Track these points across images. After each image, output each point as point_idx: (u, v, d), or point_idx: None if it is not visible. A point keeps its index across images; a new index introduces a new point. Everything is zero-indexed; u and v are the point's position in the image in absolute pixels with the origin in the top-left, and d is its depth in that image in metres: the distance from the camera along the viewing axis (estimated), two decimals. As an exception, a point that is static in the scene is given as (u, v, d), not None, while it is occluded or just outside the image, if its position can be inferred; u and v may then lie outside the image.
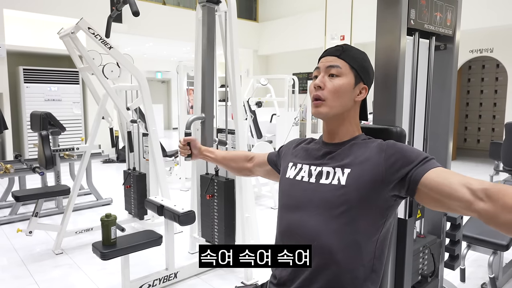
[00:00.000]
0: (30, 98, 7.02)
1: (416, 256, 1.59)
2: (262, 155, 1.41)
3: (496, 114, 8.75)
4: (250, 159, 1.46)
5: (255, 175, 1.49)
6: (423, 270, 1.65)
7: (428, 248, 1.67)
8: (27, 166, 4.17)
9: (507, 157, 4.12)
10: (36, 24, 7.43)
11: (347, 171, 1.02)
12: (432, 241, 1.70)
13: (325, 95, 1.06)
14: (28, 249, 3.25)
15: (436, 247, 1.73)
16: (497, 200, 0.78)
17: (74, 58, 3.36)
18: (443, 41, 1.68)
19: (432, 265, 1.71)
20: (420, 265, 1.64)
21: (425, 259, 1.66)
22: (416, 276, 1.62)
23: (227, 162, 1.52)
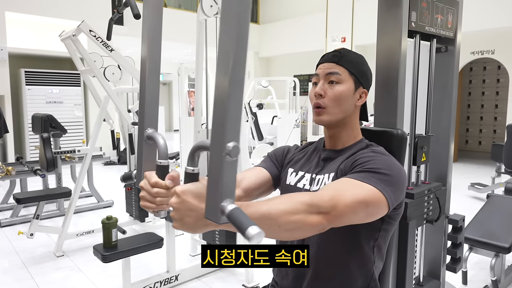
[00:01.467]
0: (32, 100, 7.03)
1: (421, 200, 1.56)
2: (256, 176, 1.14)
3: (498, 116, 8.73)
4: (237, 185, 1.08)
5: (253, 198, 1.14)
6: (428, 215, 1.62)
7: (434, 193, 1.63)
8: (28, 169, 4.18)
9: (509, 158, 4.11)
10: (38, 27, 7.46)
11: (332, 174, 1.03)
12: (437, 186, 1.67)
13: (326, 103, 1.06)
14: (29, 251, 3.25)
15: (441, 192, 1.69)
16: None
17: (76, 61, 3.37)
18: (444, 43, 1.68)
19: (437, 210, 1.66)
20: (425, 209, 1.60)
21: (430, 204, 1.62)
22: (421, 220, 1.59)
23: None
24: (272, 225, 0.75)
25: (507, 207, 2.62)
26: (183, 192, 0.69)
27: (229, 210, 0.61)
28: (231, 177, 0.62)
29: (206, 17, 2.71)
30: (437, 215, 1.65)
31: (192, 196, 0.68)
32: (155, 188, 0.78)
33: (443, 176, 1.76)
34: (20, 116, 7.23)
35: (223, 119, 0.60)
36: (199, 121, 3.11)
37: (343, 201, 0.82)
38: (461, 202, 4.63)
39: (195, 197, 0.68)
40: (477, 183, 5.06)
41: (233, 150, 0.59)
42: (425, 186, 1.62)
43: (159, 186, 0.78)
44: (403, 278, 1.48)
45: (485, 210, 2.62)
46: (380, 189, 0.88)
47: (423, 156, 1.57)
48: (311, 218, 0.78)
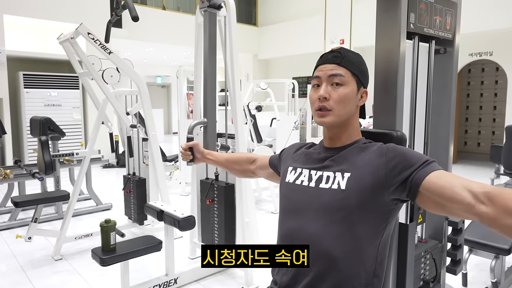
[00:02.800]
0: (30, 103, 7.02)
1: (418, 261, 1.58)
2: (265, 158, 1.42)
3: (496, 117, 8.74)
4: (252, 161, 1.46)
5: (258, 176, 1.49)
6: (424, 276, 1.64)
7: (430, 253, 1.65)
8: (26, 172, 4.16)
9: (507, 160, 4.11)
10: (36, 30, 7.45)
11: (347, 175, 1.02)
12: (433, 246, 1.69)
13: (331, 105, 1.05)
14: (27, 255, 3.23)
15: (437, 252, 1.72)
16: (498, 203, 0.77)
17: (74, 63, 3.36)
18: (443, 45, 1.68)
19: (434, 270, 1.69)
20: (422, 270, 1.62)
21: (426, 264, 1.65)
22: (418, 281, 1.61)
23: (230, 165, 1.51)
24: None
25: None
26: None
27: None
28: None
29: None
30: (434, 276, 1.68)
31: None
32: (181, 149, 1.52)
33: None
34: (19, 119, 7.22)
35: None
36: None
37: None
38: (460, 204, 4.62)
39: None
40: (476, 185, 5.05)
41: None
42: (422, 247, 1.64)
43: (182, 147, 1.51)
44: (403, 281, 1.47)
45: (484, 212, 2.61)
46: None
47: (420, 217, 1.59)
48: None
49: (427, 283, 1.65)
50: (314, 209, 1.03)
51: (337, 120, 1.06)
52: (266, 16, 11.18)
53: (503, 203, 0.77)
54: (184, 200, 4.97)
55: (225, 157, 1.54)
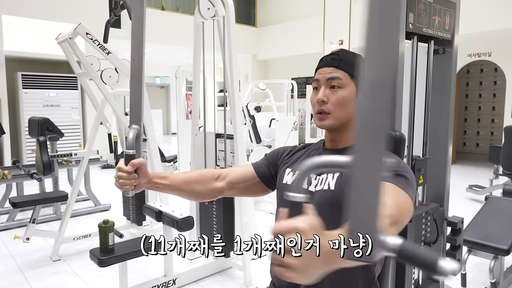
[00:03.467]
0: (29, 104, 7.00)
1: (419, 222, 1.56)
2: (242, 170, 1.21)
3: (495, 118, 8.75)
4: (218, 177, 1.20)
5: (224, 195, 1.23)
6: (426, 237, 1.62)
7: (431, 215, 1.63)
8: (24, 172, 4.15)
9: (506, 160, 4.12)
10: (35, 30, 7.44)
11: (336, 175, 1.02)
12: (434, 208, 1.68)
13: (329, 109, 1.05)
14: (26, 256, 3.22)
15: (439, 214, 1.70)
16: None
17: (72, 64, 3.36)
18: (442, 45, 1.68)
19: (435, 232, 1.67)
20: (423, 231, 1.60)
21: (428, 226, 1.62)
22: (419, 242, 1.59)
23: (189, 187, 1.19)
24: None
25: (506, 209, 2.62)
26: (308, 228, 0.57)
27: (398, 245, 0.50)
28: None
29: (203, 19, 2.71)
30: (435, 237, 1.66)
31: (315, 232, 0.57)
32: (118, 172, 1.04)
33: (442, 177, 1.76)
34: (17, 119, 7.20)
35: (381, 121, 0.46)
36: (197, 124, 3.10)
37: (403, 210, 0.82)
38: (459, 204, 4.63)
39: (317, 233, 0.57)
40: (475, 185, 5.07)
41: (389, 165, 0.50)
42: (423, 208, 1.62)
43: (122, 170, 1.04)
44: (402, 282, 1.47)
45: (483, 212, 2.62)
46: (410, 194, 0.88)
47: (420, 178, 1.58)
48: (391, 231, 0.75)
49: (428, 244, 1.63)
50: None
51: (336, 123, 1.06)
52: (265, 17, 11.18)
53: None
54: (183, 201, 4.95)
55: (181, 177, 1.19)
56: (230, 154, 2.79)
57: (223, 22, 2.62)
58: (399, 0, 0.47)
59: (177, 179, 1.18)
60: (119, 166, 1.05)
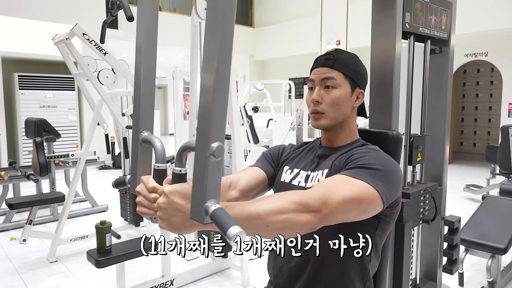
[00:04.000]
0: (25, 104, 6.98)
1: (417, 199, 1.56)
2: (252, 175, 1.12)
3: (492, 118, 8.79)
4: (229, 186, 1.07)
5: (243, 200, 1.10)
6: (424, 215, 1.62)
7: (429, 193, 1.63)
8: (21, 173, 4.13)
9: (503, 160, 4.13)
10: (31, 31, 7.42)
11: (326, 171, 1.03)
12: (432, 186, 1.68)
13: (324, 109, 1.05)
14: (22, 257, 3.21)
15: (437, 192, 1.70)
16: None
17: (69, 64, 3.35)
18: (438, 45, 1.69)
19: (433, 210, 1.67)
20: (421, 209, 1.60)
21: (426, 204, 1.62)
22: (417, 220, 1.59)
23: None
24: (260, 224, 0.74)
25: (502, 208, 2.63)
26: (170, 192, 0.69)
27: (212, 210, 0.62)
28: (216, 177, 0.63)
29: (201, 19, 2.71)
30: (433, 215, 1.65)
31: (179, 197, 0.69)
32: (153, 194, 0.76)
33: (439, 176, 1.76)
34: (13, 120, 7.18)
35: (208, 119, 0.60)
36: (194, 124, 3.10)
37: (334, 199, 0.82)
38: (456, 204, 4.64)
39: (182, 198, 0.69)
40: (472, 185, 5.08)
41: (217, 151, 0.60)
42: (420, 186, 1.62)
43: (157, 191, 0.75)
44: (400, 280, 1.47)
45: (480, 211, 2.63)
46: (373, 185, 0.87)
47: (418, 155, 1.57)
48: (300, 217, 0.77)
49: (426, 221, 1.63)
50: None
51: (331, 123, 1.07)
52: (263, 17, 11.19)
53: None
54: (181, 202, 4.95)
55: None
56: (227, 155, 2.79)
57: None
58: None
59: None
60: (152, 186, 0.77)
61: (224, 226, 0.59)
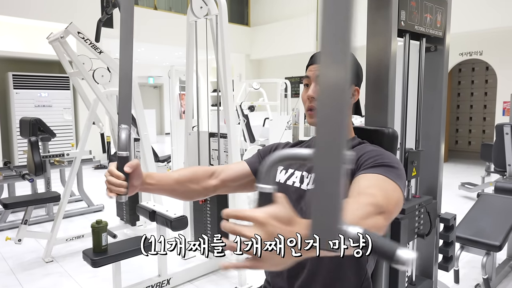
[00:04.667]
0: (20, 104, 6.93)
1: (412, 214, 1.57)
2: (236, 168, 1.18)
3: (487, 116, 8.84)
4: (212, 175, 1.16)
5: (216, 193, 1.20)
6: (419, 230, 1.63)
7: (424, 207, 1.64)
8: (16, 173, 4.11)
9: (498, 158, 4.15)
10: (26, 30, 7.37)
11: None
12: (427, 200, 1.69)
13: None
14: (17, 257, 3.19)
15: (432, 206, 1.71)
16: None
17: (64, 63, 3.33)
18: (434, 43, 1.69)
19: (428, 224, 1.68)
20: (416, 223, 1.62)
21: (421, 218, 1.63)
22: (412, 234, 1.60)
23: (185, 186, 1.13)
24: None
25: (497, 206, 2.65)
26: (267, 218, 0.54)
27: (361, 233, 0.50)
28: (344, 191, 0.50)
29: (196, 18, 2.70)
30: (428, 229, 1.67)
31: (280, 222, 0.55)
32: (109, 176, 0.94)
33: (434, 175, 1.77)
34: (8, 120, 7.13)
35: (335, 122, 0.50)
36: (190, 124, 3.09)
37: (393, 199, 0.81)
38: (452, 202, 4.67)
39: (283, 223, 0.55)
40: (467, 183, 5.11)
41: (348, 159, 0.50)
42: (416, 200, 1.63)
43: (113, 173, 0.94)
44: (396, 278, 1.48)
45: (475, 209, 2.64)
46: (399, 184, 0.88)
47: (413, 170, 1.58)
48: (378, 220, 0.73)
49: (421, 236, 1.64)
50: (301, 210, 1.03)
51: None
52: (259, 16, 11.18)
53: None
54: (177, 201, 4.93)
55: (174, 177, 1.12)
56: (223, 154, 2.79)
57: (216, 21, 2.61)
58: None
59: (170, 179, 1.10)
60: (110, 170, 0.94)
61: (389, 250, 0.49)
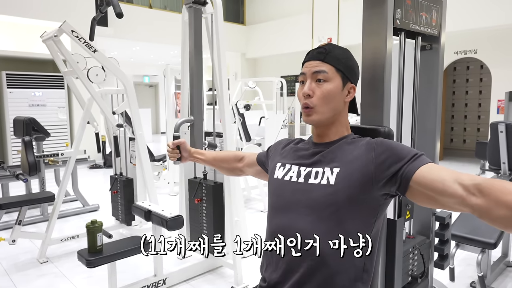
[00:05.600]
0: (14, 103, 6.87)
1: (406, 257, 1.59)
2: (252, 155, 1.42)
3: (481, 115, 8.89)
4: (240, 159, 1.46)
5: (245, 174, 1.50)
6: (413, 271, 1.65)
7: (418, 249, 1.66)
8: (10, 173, 4.07)
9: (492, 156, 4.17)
10: (19, 28, 7.30)
11: (336, 170, 1.01)
12: (421, 241, 1.70)
13: (314, 103, 1.05)
14: (12, 258, 3.16)
15: (425, 247, 1.73)
16: (489, 195, 0.78)
17: (58, 62, 3.30)
18: (429, 41, 1.69)
19: (422, 265, 1.70)
20: (410, 266, 1.63)
21: (414, 260, 1.65)
22: (406, 277, 1.61)
23: (217, 163, 1.52)
24: None
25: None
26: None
27: None
28: None
29: (191, 16, 2.68)
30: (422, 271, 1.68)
31: None
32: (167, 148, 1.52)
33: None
34: (2, 120, 7.07)
35: None
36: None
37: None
38: (447, 200, 4.68)
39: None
40: (462, 181, 5.13)
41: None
42: (410, 243, 1.64)
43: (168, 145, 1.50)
44: (392, 276, 1.48)
45: (471, 207, 2.65)
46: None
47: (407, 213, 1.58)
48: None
49: (415, 278, 1.66)
50: (304, 205, 1.03)
51: (322, 118, 1.06)
52: (254, 15, 11.16)
53: (494, 195, 0.77)
54: (173, 200, 4.93)
55: (213, 155, 1.55)
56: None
57: (211, 20, 2.60)
58: None
59: (209, 157, 1.54)
60: (167, 143, 1.51)
61: None
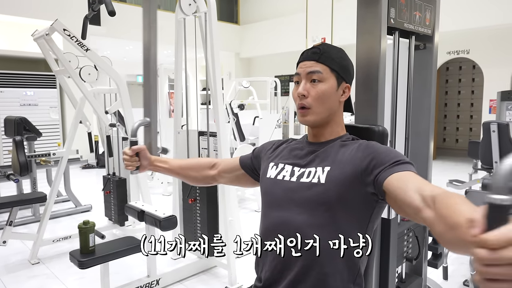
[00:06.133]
0: (5, 103, 6.79)
1: (401, 239, 1.58)
2: (229, 160, 1.33)
3: (474, 114, 8.96)
4: (212, 166, 1.33)
5: (218, 183, 1.37)
6: (407, 254, 1.65)
7: (413, 231, 1.66)
8: (1, 173, 4.02)
9: (485, 155, 4.21)
10: (10, 27, 7.22)
11: (327, 169, 1.02)
12: (416, 224, 1.70)
13: (310, 103, 1.05)
14: (2, 259, 3.12)
15: (420, 230, 1.72)
16: (436, 209, 0.73)
17: (50, 61, 3.26)
18: (423, 41, 1.69)
19: (416, 248, 1.70)
20: (405, 248, 1.63)
21: (409, 242, 1.65)
22: (401, 259, 1.61)
23: (184, 172, 1.34)
24: None
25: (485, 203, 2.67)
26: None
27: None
28: None
29: (185, 16, 2.67)
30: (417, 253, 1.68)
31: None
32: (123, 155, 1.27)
33: (423, 177, 1.77)
34: (-7, 119, 6.98)
35: None
36: (179, 122, 3.06)
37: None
38: (440, 199, 4.71)
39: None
40: (455, 180, 5.17)
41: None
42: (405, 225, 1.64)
43: (124, 153, 1.27)
44: (386, 276, 1.48)
45: (463, 206, 2.67)
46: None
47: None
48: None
49: (410, 260, 1.66)
50: (296, 203, 1.02)
51: (317, 118, 1.06)
52: (248, 14, 11.15)
53: (439, 209, 0.71)
54: (166, 200, 4.90)
55: (178, 163, 1.36)
56: (213, 152, 2.76)
57: (205, 19, 2.58)
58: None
59: (174, 165, 1.35)
60: (124, 150, 1.28)
61: None
